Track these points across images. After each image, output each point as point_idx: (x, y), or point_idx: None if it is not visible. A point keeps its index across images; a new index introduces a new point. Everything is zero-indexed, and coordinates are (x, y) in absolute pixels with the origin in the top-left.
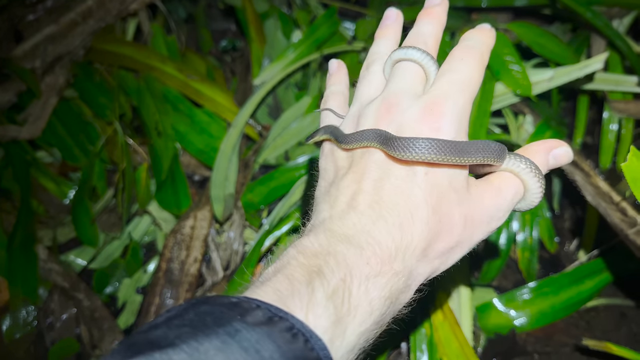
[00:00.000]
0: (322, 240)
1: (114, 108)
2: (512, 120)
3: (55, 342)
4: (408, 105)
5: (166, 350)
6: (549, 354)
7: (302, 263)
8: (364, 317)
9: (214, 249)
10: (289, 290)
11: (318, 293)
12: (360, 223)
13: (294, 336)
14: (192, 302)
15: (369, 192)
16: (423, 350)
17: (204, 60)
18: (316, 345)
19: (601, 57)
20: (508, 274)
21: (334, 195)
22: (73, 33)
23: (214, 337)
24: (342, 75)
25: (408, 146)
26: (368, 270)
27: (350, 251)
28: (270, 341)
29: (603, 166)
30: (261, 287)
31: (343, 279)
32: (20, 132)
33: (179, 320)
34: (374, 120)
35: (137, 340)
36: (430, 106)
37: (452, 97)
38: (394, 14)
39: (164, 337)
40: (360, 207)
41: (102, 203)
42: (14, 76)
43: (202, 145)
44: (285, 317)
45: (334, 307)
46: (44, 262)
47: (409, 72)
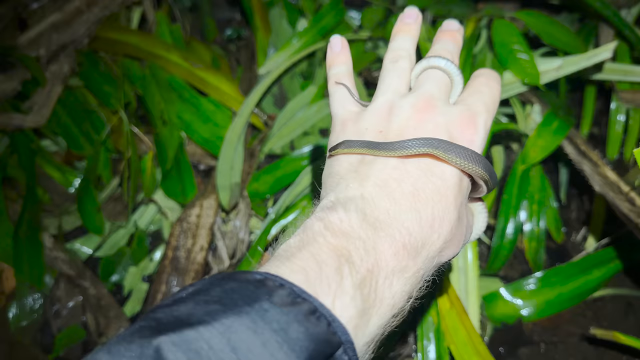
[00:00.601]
0: (353, 220)
1: (119, 97)
2: (519, 109)
3: (61, 329)
4: (445, 110)
5: (197, 327)
6: (556, 343)
7: (330, 243)
8: (385, 310)
9: (220, 237)
10: (316, 273)
11: (346, 281)
12: (394, 210)
13: (318, 319)
14: (217, 277)
15: (404, 183)
16: (430, 339)
17: (208, 49)
18: (338, 329)
19: (610, 47)
20: (515, 263)
21: (365, 173)
22: (78, 21)
23: (244, 316)
24: (347, 54)
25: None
26: (395, 263)
27: (381, 239)
28: (298, 323)
29: (610, 157)
30: (287, 264)
31: (371, 270)
32: (25, 120)
33: (205, 295)
34: (411, 114)
35: (163, 315)
36: (469, 118)
37: (483, 115)
38: (415, 14)
39: (192, 313)
40: (394, 194)
41: (107, 192)
42: (18, 64)
43: (207, 134)
44: (308, 299)
45: (361, 298)
46: (49, 250)
47: (440, 79)
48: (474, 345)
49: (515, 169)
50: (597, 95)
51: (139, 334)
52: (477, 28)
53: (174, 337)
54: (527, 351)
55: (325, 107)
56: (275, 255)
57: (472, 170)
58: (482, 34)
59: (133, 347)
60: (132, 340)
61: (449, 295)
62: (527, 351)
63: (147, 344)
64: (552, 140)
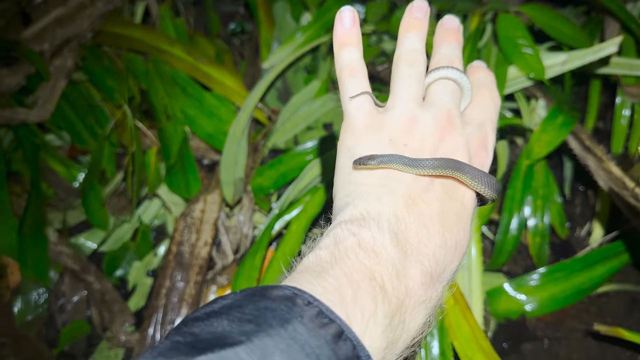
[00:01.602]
0: (386, 240)
1: (122, 91)
2: (524, 104)
3: (66, 324)
4: (462, 130)
5: (234, 347)
6: (559, 339)
7: (363, 263)
8: (408, 340)
9: (224, 232)
10: (350, 297)
11: (379, 311)
12: (424, 235)
13: (344, 341)
14: (249, 292)
15: (432, 205)
16: (433, 335)
17: (212, 43)
18: (361, 352)
19: (616, 41)
20: (518, 259)
21: (395, 189)
22: (81, 16)
23: (277, 338)
24: (359, 31)
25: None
26: (421, 292)
27: (411, 265)
28: (327, 346)
29: (615, 151)
30: (319, 281)
31: (401, 300)
32: (30, 115)
33: (239, 312)
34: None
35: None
36: (482, 141)
37: (491, 136)
38: (425, 7)
39: (228, 331)
40: (423, 217)
41: (111, 186)
42: (22, 59)
43: (211, 128)
44: (335, 321)
45: (391, 329)
46: (54, 244)
47: (454, 92)
48: (477, 341)
49: (520, 164)
50: (602, 89)
51: (176, 350)
52: (482, 22)
53: (212, 357)
54: (531, 347)
55: (330, 102)
56: (304, 266)
57: (487, 194)
58: (486, 28)
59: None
60: (170, 357)
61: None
62: (530, 347)
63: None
64: (556, 135)
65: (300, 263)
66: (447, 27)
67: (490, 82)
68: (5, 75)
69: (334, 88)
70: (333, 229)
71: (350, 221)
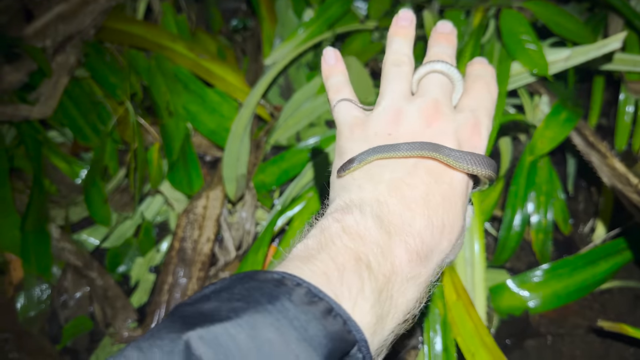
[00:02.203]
0: (369, 223)
1: (125, 88)
2: (527, 100)
3: (68, 320)
4: (451, 117)
5: (223, 323)
6: (563, 335)
7: (348, 246)
8: (399, 316)
9: (226, 228)
10: (337, 278)
11: (366, 287)
12: (407, 216)
13: (334, 317)
14: (238, 276)
15: (417, 188)
16: (437, 330)
17: (214, 39)
18: (353, 328)
19: (619, 37)
20: (522, 255)
21: (377, 175)
22: (84, 12)
23: (267, 313)
24: (342, 65)
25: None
26: (409, 269)
27: (396, 244)
28: (316, 321)
29: (619, 148)
30: (308, 265)
31: (388, 277)
32: (32, 111)
33: (228, 293)
34: (419, 119)
35: (189, 312)
36: (474, 126)
37: (485, 123)
38: (410, 17)
39: (217, 310)
40: (406, 200)
41: (114, 183)
42: (25, 55)
43: (213, 125)
44: (324, 299)
45: (379, 305)
46: (56, 241)
47: (443, 83)
48: (480, 337)
49: (523, 160)
50: (606, 85)
51: (167, 330)
52: (485, 18)
53: (202, 331)
54: (534, 343)
55: None
56: (293, 254)
57: (481, 173)
58: (490, 24)
59: (163, 342)
60: (162, 336)
61: (455, 286)
62: (533, 343)
63: (177, 339)
64: (560, 131)
65: (290, 253)
66: (439, 31)
67: (487, 74)
68: (8, 71)
69: None
70: (320, 220)
71: (335, 211)
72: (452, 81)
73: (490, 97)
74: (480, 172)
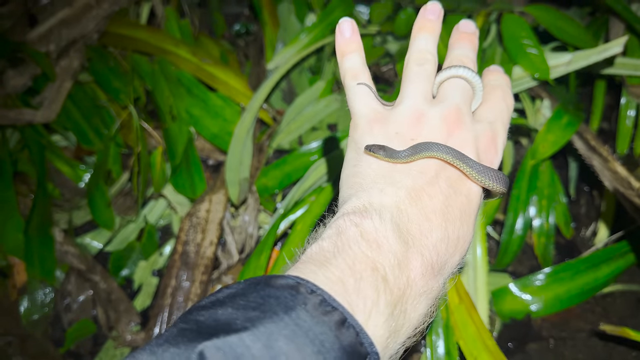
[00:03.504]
0: (388, 231)
1: (128, 92)
2: (529, 104)
3: (72, 323)
4: (472, 127)
5: (239, 333)
6: (565, 339)
7: (366, 254)
8: (410, 330)
9: (229, 232)
10: (353, 287)
11: (381, 300)
12: (426, 227)
13: (347, 329)
14: (253, 281)
15: (436, 198)
16: (439, 334)
17: (217, 44)
18: (365, 339)
19: (621, 41)
20: (524, 259)
21: (399, 181)
22: (87, 17)
23: (282, 325)
24: (359, 39)
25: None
26: (422, 283)
27: (412, 256)
28: (331, 333)
29: (620, 152)
30: (323, 271)
31: (403, 290)
32: (36, 115)
33: (243, 300)
34: (441, 126)
35: (205, 318)
36: (492, 139)
37: (501, 136)
38: (438, 10)
39: (233, 318)
40: (426, 210)
41: (117, 186)
42: (29, 60)
43: (216, 129)
44: (338, 309)
45: (393, 319)
46: (60, 244)
47: (465, 90)
48: (482, 341)
49: (525, 164)
50: (607, 89)
51: (182, 337)
52: (487, 22)
53: (218, 342)
54: (536, 347)
55: (334, 103)
56: (308, 256)
57: (494, 188)
58: (491, 29)
59: (179, 350)
60: (176, 343)
61: (457, 290)
62: (536, 347)
63: (191, 347)
64: (561, 135)
65: (304, 254)
66: (462, 30)
67: (504, 84)
68: (12, 76)
69: (338, 89)
70: (336, 220)
71: (353, 212)
72: (473, 88)
73: (507, 109)
74: (496, 189)
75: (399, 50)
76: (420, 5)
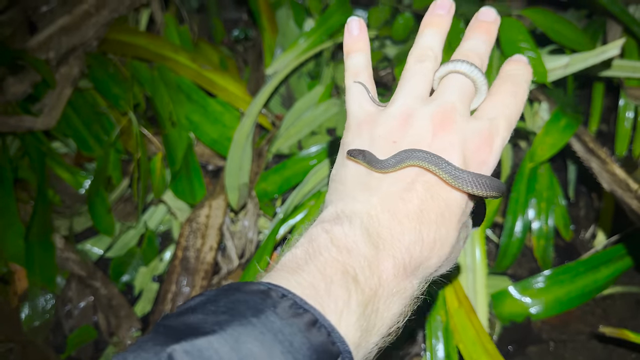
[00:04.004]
0: (357, 236)
1: (128, 98)
2: (527, 107)
3: (73, 329)
4: (463, 126)
5: (207, 336)
6: (565, 341)
7: (336, 259)
8: (384, 330)
9: (229, 237)
10: (324, 290)
11: (352, 300)
12: (397, 231)
13: (319, 329)
14: (224, 287)
15: (410, 202)
16: (439, 338)
17: (216, 50)
18: (337, 339)
19: (618, 43)
20: (523, 262)
21: (374, 187)
22: (87, 24)
23: (250, 327)
24: (366, 38)
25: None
26: (395, 284)
27: (383, 259)
28: (301, 334)
29: (619, 154)
30: (295, 277)
31: (374, 290)
32: (36, 122)
33: (214, 305)
34: (427, 127)
35: (175, 323)
36: (487, 138)
37: (501, 134)
38: (448, 5)
39: (202, 322)
40: (398, 215)
41: (117, 193)
42: (28, 67)
43: (215, 134)
44: (309, 310)
45: (365, 319)
46: (61, 251)
47: (463, 87)
48: (482, 344)
49: (523, 167)
50: (606, 92)
51: (153, 341)
52: None
53: (186, 345)
54: (536, 349)
55: (333, 107)
56: (281, 264)
57: (481, 195)
58: None
59: (147, 355)
60: (147, 348)
61: (457, 293)
62: (536, 349)
63: (161, 351)
64: (560, 137)
65: (278, 262)
66: (480, 19)
67: (520, 76)
68: (12, 83)
69: (337, 93)
70: (309, 229)
71: (326, 220)
72: (475, 84)
73: (515, 104)
74: (480, 194)
75: (397, 55)
76: (418, 10)
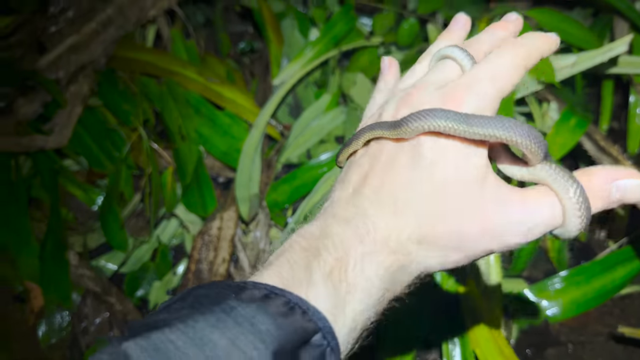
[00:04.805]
0: (323, 224)
1: (137, 114)
2: (536, 108)
3: (89, 345)
4: (429, 92)
5: (162, 329)
6: (584, 343)
7: (303, 247)
8: (362, 296)
9: (241, 248)
10: (289, 274)
11: (315, 274)
12: (362, 206)
13: (291, 309)
14: (191, 288)
15: (376, 176)
16: (455, 343)
17: (223, 63)
18: (314, 316)
19: (625, 40)
20: (538, 263)
21: (346, 180)
22: (95, 42)
23: (209, 314)
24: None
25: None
26: (362, 248)
27: (346, 232)
28: (266, 315)
29: (631, 151)
30: (264, 272)
31: (339, 259)
32: (47, 141)
33: (179, 304)
34: (395, 105)
35: (137, 325)
36: (451, 93)
37: (475, 87)
38: (463, 20)
39: (164, 320)
40: (364, 191)
41: (129, 208)
42: (39, 87)
43: (225, 147)
44: (281, 294)
45: (333, 286)
46: (75, 267)
47: (447, 67)
48: (499, 348)
49: None
50: (615, 89)
51: (111, 344)
52: None
53: (141, 340)
54: (555, 352)
55: (341, 115)
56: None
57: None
58: None
59: (102, 355)
60: (104, 350)
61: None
62: (554, 352)
63: (116, 350)
64: (570, 137)
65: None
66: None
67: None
68: (22, 104)
69: (344, 101)
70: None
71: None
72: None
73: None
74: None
75: (402, 60)
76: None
